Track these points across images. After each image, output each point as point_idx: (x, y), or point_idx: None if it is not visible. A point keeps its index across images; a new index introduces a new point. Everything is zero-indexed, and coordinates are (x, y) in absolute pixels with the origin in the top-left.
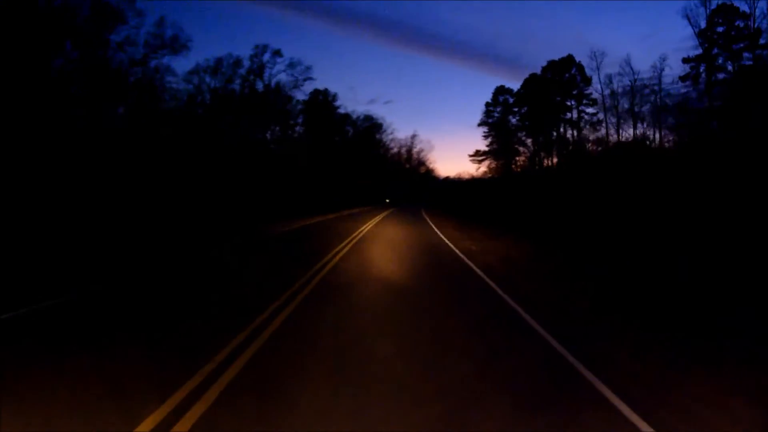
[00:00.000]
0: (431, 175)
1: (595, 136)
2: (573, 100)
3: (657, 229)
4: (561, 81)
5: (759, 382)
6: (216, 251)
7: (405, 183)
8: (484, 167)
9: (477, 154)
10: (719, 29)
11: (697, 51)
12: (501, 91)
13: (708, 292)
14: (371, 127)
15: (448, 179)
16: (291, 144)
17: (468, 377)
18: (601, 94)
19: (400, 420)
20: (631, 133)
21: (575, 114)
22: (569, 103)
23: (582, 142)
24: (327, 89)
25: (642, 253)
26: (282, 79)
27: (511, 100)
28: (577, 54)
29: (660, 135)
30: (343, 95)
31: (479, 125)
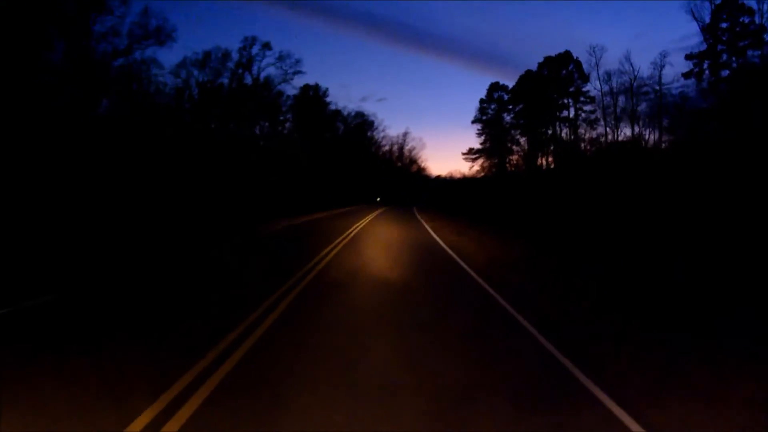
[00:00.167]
0: (423, 174)
1: (593, 134)
2: (570, 97)
3: (654, 230)
4: (558, 78)
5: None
6: (188, 254)
7: (396, 181)
8: (477, 166)
9: (470, 152)
10: (724, 25)
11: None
12: (496, 88)
13: (704, 291)
14: (363, 124)
15: (440, 178)
16: (280, 140)
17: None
18: (600, 91)
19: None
20: (630, 132)
21: (572, 112)
22: (566, 101)
23: (578, 140)
24: (318, 84)
25: (639, 253)
26: (271, 73)
27: (506, 97)
28: (574, 52)
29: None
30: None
31: (473, 122)
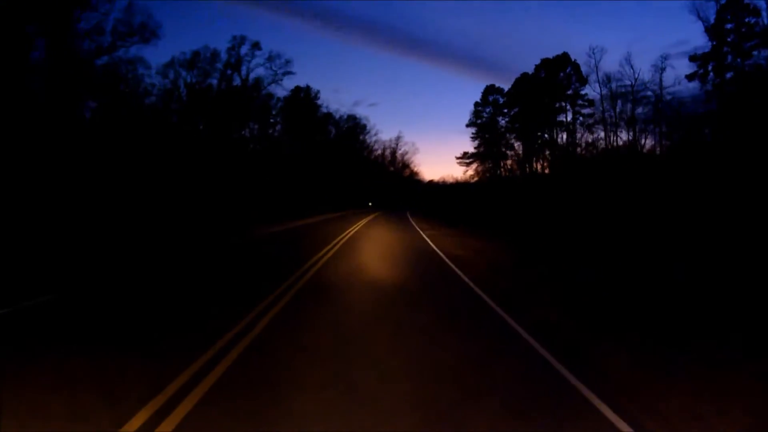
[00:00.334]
0: (415, 179)
1: (591, 138)
2: (567, 101)
3: (652, 236)
4: (555, 80)
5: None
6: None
7: (388, 186)
8: (471, 170)
9: (465, 156)
10: (729, 26)
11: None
12: (491, 91)
13: (702, 298)
14: (355, 128)
15: (432, 183)
16: (270, 143)
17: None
18: (600, 93)
19: None
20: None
21: (569, 116)
22: (563, 105)
23: (575, 145)
24: (309, 86)
25: (635, 259)
26: (260, 74)
27: (502, 100)
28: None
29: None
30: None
31: (468, 125)
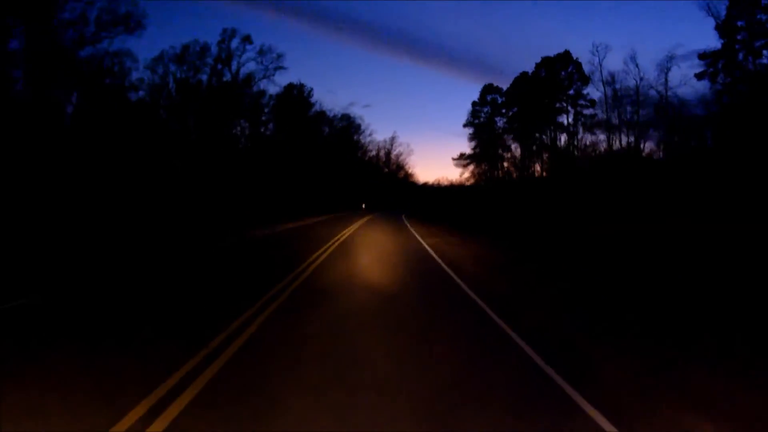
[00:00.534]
0: (410, 181)
1: (593, 140)
2: (569, 101)
3: (655, 241)
4: (556, 80)
5: None
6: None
7: (383, 187)
8: (468, 172)
9: (462, 157)
10: (740, 23)
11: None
12: (490, 90)
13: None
14: (349, 127)
15: (427, 185)
16: (261, 141)
17: None
18: (603, 92)
19: None
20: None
21: (571, 116)
22: (564, 105)
23: (575, 147)
24: (302, 83)
25: (637, 265)
26: (251, 69)
27: (500, 100)
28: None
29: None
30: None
31: (465, 126)
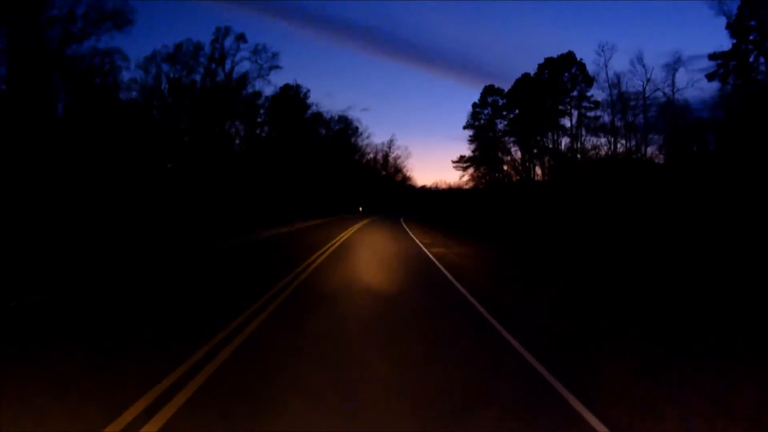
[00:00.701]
0: (408, 184)
1: (595, 143)
2: (572, 103)
3: (655, 243)
4: (559, 81)
5: None
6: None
7: (380, 190)
8: (467, 175)
9: (461, 160)
10: (752, 23)
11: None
12: (490, 92)
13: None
14: (346, 129)
15: (425, 188)
16: (256, 143)
17: None
18: (609, 93)
19: None
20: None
21: (574, 119)
22: (566, 107)
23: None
24: (299, 84)
25: (637, 266)
26: (246, 68)
27: (501, 101)
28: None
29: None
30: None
31: (465, 128)
